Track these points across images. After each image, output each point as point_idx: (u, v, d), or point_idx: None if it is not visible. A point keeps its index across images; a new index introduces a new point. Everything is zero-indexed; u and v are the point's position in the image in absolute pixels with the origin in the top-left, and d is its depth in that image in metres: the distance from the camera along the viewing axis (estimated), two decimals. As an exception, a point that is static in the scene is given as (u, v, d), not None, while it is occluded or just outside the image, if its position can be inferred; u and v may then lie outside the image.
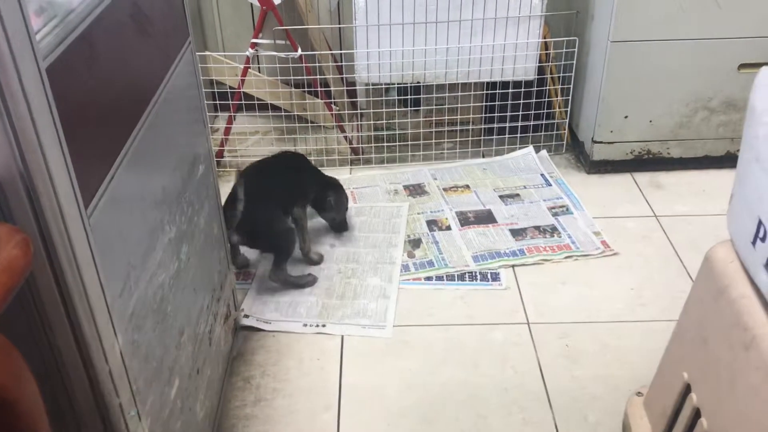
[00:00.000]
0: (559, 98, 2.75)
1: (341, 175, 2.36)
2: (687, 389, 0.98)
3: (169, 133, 1.35)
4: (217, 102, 2.81)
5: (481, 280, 2.15)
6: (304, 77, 2.66)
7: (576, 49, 2.59)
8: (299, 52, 2.53)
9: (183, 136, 1.45)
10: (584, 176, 2.66)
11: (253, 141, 2.88)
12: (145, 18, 1.22)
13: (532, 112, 2.72)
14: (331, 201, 2.24)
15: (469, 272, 2.17)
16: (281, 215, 2.06)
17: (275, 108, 2.77)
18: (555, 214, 2.42)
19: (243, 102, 2.71)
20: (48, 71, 0.83)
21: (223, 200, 1.91)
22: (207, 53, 2.68)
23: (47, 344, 0.95)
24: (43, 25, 0.87)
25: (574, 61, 2.61)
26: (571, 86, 2.67)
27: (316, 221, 2.41)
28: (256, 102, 2.75)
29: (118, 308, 1.05)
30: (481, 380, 1.79)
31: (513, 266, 2.19)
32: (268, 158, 2.23)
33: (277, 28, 2.55)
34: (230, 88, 2.74)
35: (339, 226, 2.34)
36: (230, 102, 2.67)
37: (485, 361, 1.85)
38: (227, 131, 2.73)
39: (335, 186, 2.28)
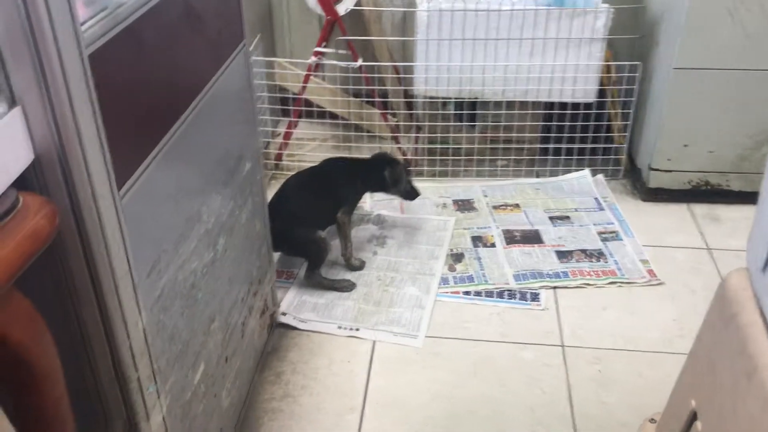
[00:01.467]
0: (619, 123, 2.71)
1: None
2: (693, 417, 0.96)
3: (214, 130, 1.41)
4: (281, 107, 2.89)
5: (519, 299, 2.13)
6: (362, 87, 2.71)
7: (639, 74, 2.55)
8: (359, 62, 2.58)
9: (229, 134, 1.52)
10: (639, 203, 2.61)
11: (311, 147, 2.94)
12: (197, 17, 1.29)
13: (590, 134, 2.68)
14: (387, 177, 2.24)
15: (508, 290, 2.16)
16: (309, 226, 2.11)
17: (335, 116, 2.83)
18: (604, 239, 2.39)
19: (303, 108, 2.78)
20: (91, 58, 0.90)
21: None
22: (272, 59, 2.76)
23: (74, 314, 1.01)
24: (91, 16, 0.94)
25: (636, 86, 2.57)
26: (632, 111, 2.63)
27: (362, 228, 2.45)
28: (315, 109, 2.81)
29: (146, 288, 1.11)
30: (507, 398, 1.78)
31: (554, 288, 2.17)
32: (310, 168, 2.30)
33: (340, 37, 2.61)
34: (292, 94, 2.82)
35: (408, 195, 2.34)
36: (291, 108, 2.75)
37: (514, 379, 1.84)
38: (287, 136, 2.80)
39: (387, 161, 2.30)
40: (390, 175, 2.23)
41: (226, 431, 1.57)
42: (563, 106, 2.65)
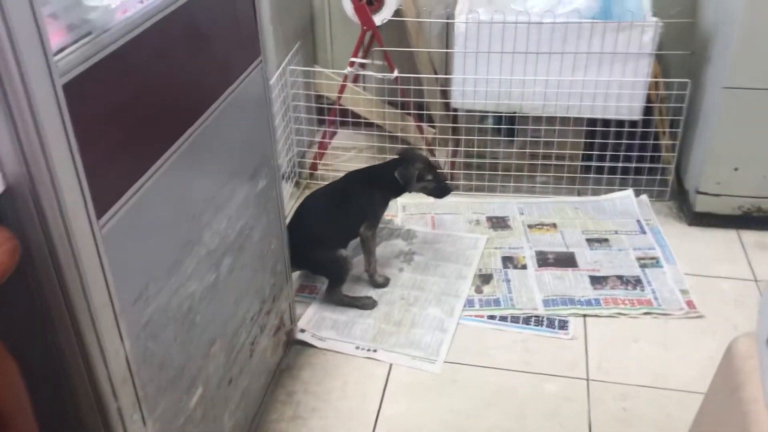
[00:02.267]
0: (666, 141, 2.58)
1: (426, 198, 2.33)
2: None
3: (223, 148, 1.38)
4: (319, 117, 2.87)
5: (547, 326, 2.04)
6: (398, 98, 2.66)
7: (688, 92, 2.41)
8: (395, 73, 2.53)
9: (241, 152, 1.49)
10: (684, 228, 2.48)
11: (348, 157, 2.91)
12: (201, 39, 1.26)
13: (635, 153, 2.56)
14: (397, 177, 2.13)
15: (536, 316, 2.08)
16: (330, 245, 2.07)
17: (375, 126, 2.79)
18: (643, 266, 2.27)
19: (339, 118, 2.75)
20: (66, 87, 0.88)
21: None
22: (309, 68, 2.74)
23: (51, 343, 1.00)
24: (70, 42, 0.92)
25: (685, 105, 2.44)
26: (680, 130, 2.50)
27: (390, 244, 2.40)
28: (350, 119, 2.78)
29: (130, 316, 1.09)
30: (525, 431, 1.71)
31: (584, 315, 2.07)
32: (329, 184, 2.26)
33: (376, 48, 2.56)
34: (328, 103, 2.79)
35: (435, 192, 2.22)
36: (326, 117, 2.72)
37: (533, 412, 1.76)
38: (321, 145, 2.78)
39: (399, 161, 2.21)
40: (401, 176, 2.13)
41: (228, 453, 1.55)
42: (607, 122, 2.54)
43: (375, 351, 1.96)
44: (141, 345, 1.13)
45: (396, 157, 2.27)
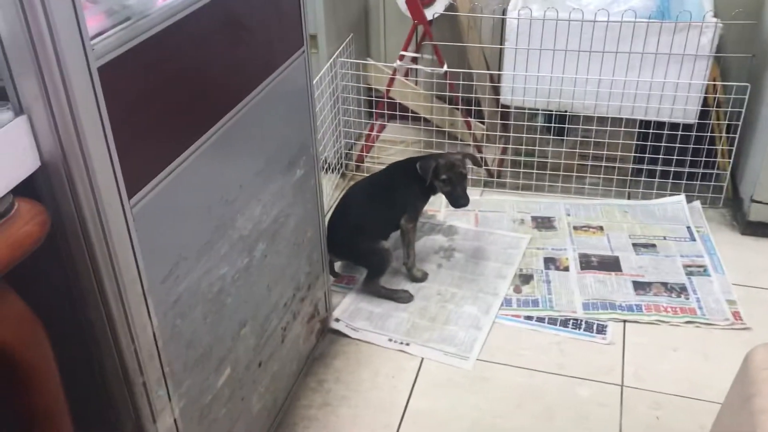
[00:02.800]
0: (723, 147, 2.50)
1: (471, 196, 2.31)
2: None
3: (259, 136, 1.41)
4: (369, 110, 2.88)
5: (584, 330, 2.01)
6: (447, 93, 2.65)
7: (747, 96, 2.33)
8: (445, 68, 2.52)
9: (278, 141, 1.51)
10: (737, 237, 2.39)
11: (395, 150, 2.92)
12: (241, 27, 1.29)
13: (689, 158, 2.49)
14: (418, 168, 2.10)
15: (574, 319, 2.05)
16: (372, 236, 2.07)
17: (425, 120, 2.79)
18: (689, 273, 2.21)
19: (386, 111, 2.75)
20: (101, 70, 0.91)
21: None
22: (359, 61, 2.76)
23: (82, 315, 1.04)
24: (109, 27, 0.95)
25: (744, 109, 2.36)
26: (737, 136, 2.41)
27: (431, 239, 2.40)
28: (399, 112, 2.78)
29: (159, 294, 1.13)
30: (552, 435, 1.69)
31: (624, 321, 2.03)
32: (373, 175, 2.26)
33: (426, 42, 2.56)
34: (376, 96, 2.80)
35: (450, 197, 2.14)
36: (374, 110, 2.74)
37: (563, 416, 1.74)
38: (369, 138, 2.79)
39: (420, 158, 2.18)
40: (421, 167, 2.09)
41: (255, 435, 1.58)
42: (661, 125, 2.47)
43: (408, 344, 1.97)
44: (169, 322, 1.17)
45: (440, 152, 2.26)
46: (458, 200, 2.13)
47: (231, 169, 1.31)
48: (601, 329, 2.01)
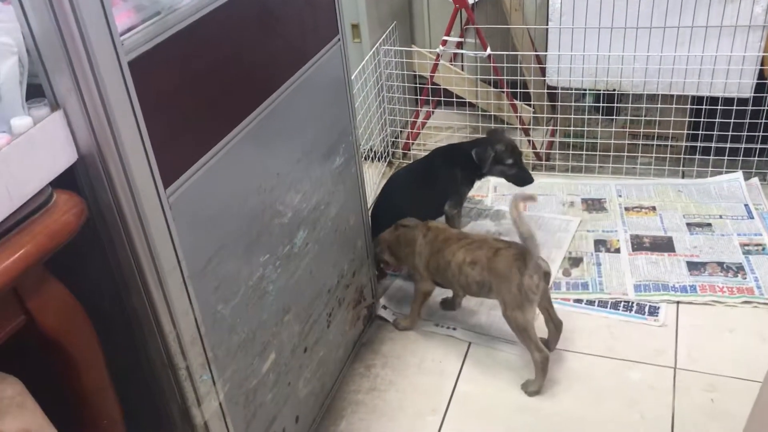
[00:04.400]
0: (782, 121, 2.40)
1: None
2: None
3: (296, 125, 1.43)
4: (417, 97, 2.88)
5: (636, 312, 1.97)
6: (491, 77, 2.63)
7: (806, 67, 2.23)
8: (488, 51, 2.50)
9: (316, 129, 1.53)
10: (798, 213, 2.30)
11: (442, 137, 2.91)
12: (273, 18, 1.30)
13: (745, 133, 2.40)
14: (474, 157, 2.10)
15: (625, 301, 2.01)
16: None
17: (472, 105, 2.77)
18: (746, 252, 2.13)
19: (431, 98, 2.75)
20: (131, 64, 0.94)
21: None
22: (402, 48, 2.75)
23: (126, 302, 1.08)
24: (138, 22, 0.98)
25: (803, 80, 2.26)
26: (797, 108, 2.32)
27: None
28: (444, 98, 2.77)
29: (200, 281, 1.16)
30: (601, 418, 1.66)
31: (678, 302, 1.98)
32: (416, 161, 2.26)
33: (468, 26, 2.54)
34: (422, 82, 2.80)
35: (515, 179, 2.17)
36: (418, 97, 2.73)
37: (613, 399, 1.71)
38: (414, 125, 2.79)
39: (482, 140, 2.17)
40: (478, 156, 2.10)
41: (303, 419, 1.61)
42: (714, 100, 2.39)
43: (455, 329, 1.97)
44: (211, 308, 1.20)
45: (482, 136, 2.25)
46: (527, 178, 2.18)
47: (267, 158, 1.34)
48: (654, 311, 1.97)
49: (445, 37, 2.56)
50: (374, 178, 2.60)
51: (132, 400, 1.11)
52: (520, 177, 2.16)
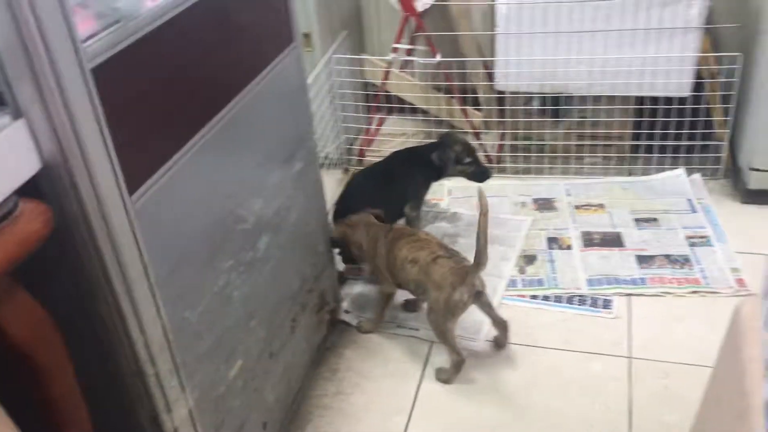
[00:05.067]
0: (719, 118, 2.51)
1: (473, 183, 2.35)
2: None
3: (256, 131, 1.44)
4: (368, 104, 2.91)
5: (590, 306, 2.04)
6: (442, 83, 2.68)
7: (740, 66, 2.34)
8: (438, 58, 2.55)
9: (275, 135, 1.54)
10: (738, 206, 2.41)
11: (396, 143, 2.94)
12: (231, 24, 1.32)
13: (686, 131, 2.51)
14: (435, 160, 2.17)
15: (579, 296, 2.07)
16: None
17: (424, 112, 2.82)
18: (692, 244, 2.23)
19: (384, 105, 2.78)
20: (94, 71, 0.94)
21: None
22: (354, 56, 2.78)
23: (93, 311, 1.08)
24: (100, 29, 0.99)
25: (737, 79, 2.37)
26: (733, 106, 2.43)
27: (435, 226, 2.42)
28: (398, 105, 2.81)
29: (166, 287, 1.16)
30: (565, 410, 1.71)
31: (629, 295, 2.05)
32: (375, 164, 2.30)
33: (417, 34, 2.59)
34: (374, 90, 2.83)
35: (475, 176, 2.25)
36: (371, 104, 2.76)
37: (572, 390, 1.77)
38: (368, 132, 2.82)
39: (437, 144, 2.24)
40: (439, 158, 2.16)
41: (271, 425, 1.61)
42: (656, 100, 2.49)
43: (417, 330, 2.00)
44: (178, 315, 1.20)
45: (437, 140, 2.29)
46: (485, 173, 2.25)
47: (229, 164, 1.35)
48: (606, 304, 2.03)
49: (396, 45, 2.60)
50: (331, 185, 2.62)
51: (101, 408, 1.10)
52: (479, 173, 2.24)
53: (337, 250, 2.02)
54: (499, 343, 1.88)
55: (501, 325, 1.87)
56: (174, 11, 1.12)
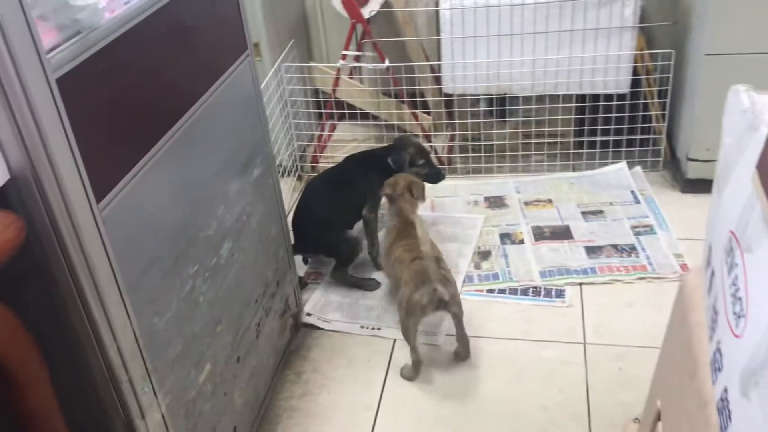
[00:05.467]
0: (656, 112, 2.63)
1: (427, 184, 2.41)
2: (658, 417, 0.95)
3: (214, 137, 1.47)
4: (319, 111, 2.95)
5: (544, 296, 2.11)
6: (391, 88, 2.73)
7: (673, 62, 2.47)
8: (386, 63, 2.60)
9: (233, 141, 1.57)
10: (678, 195, 2.53)
11: (348, 149, 2.98)
12: (186, 34, 1.34)
13: (626, 126, 2.62)
14: (390, 163, 2.21)
15: (533, 287, 2.15)
16: (337, 227, 2.14)
17: (375, 116, 2.87)
18: (637, 233, 2.33)
19: (335, 111, 2.83)
20: (59, 82, 0.96)
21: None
22: (302, 64, 2.82)
23: (64, 319, 1.09)
24: (62, 41, 1.00)
25: (671, 74, 2.49)
26: (668, 100, 2.55)
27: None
28: (349, 111, 2.86)
29: (135, 294, 1.17)
30: (522, 397, 1.78)
31: (581, 284, 2.14)
32: (331, 168, 2.33)
33: (365, 40, 2.64)
34: (325, 97, 2.87)
35: (429, 178, 2.29)
36: (322, 111, 2.80)
37: (531, 377, 1.83)
38: (321, 138, 2.86)
39: (392, 148, 2.29)
40: (394, 162, 2.21)
41: (240, 429, 1.63)
42: (596, 97, 2.60)
43: (379, 329, 2.04)
44: (147, 321, 1.22)
45: (391, 144, 2.35)
46: (439, 174, 2.31)
47: (191, 170, 1.37)
48: (560, 294, 2.11)
49: (345, 52, 2.64)
50: (286, 192, 2.64)
51: (77, 416, 1.11)
52: (433, 175, 2.30)
53: (297, 257, 2.05)
54: (460, 356, 1.91)
55: (463, 340, 1.90)
56: (132, 22, 1.14)
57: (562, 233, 2.38)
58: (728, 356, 0.66)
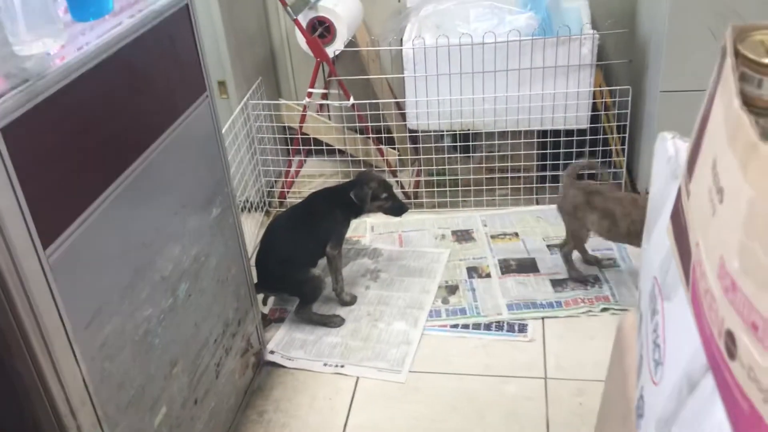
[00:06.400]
0: (616, 147, 2.69)
1: (393, 218, 2.43)
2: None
3: (170, 180, 1.47)
4: (287, 147, 2.97)
5: (507, 331, 2.13)
6: (357, 124, 2.77)
7: (630, 98, 2.53)
8: (351, 100, 2.64)
9: (191, 182, 1.58)
10: (639, 228, 2.57)
11: (316, 184, 3.00)
12: (141, 79, 1.36)
13: (587, 160, 2.67)
14: (353, 199, 2.22)
15: (497, 322, 2.16)
16: (300, 265, 2.15)
17: (342, 152, 2.89)
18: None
19: (302, 147, 2.85)
20: (3, 131, 0.97)
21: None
22: (269, 101, 2.85)
23: (10, 367, 1.08)
24: (8, 89, 1.01)
25: (629, 110, 2.55)
26: (626, 135, 2.61)
27: (357, 263, 2.48)
28: (316, 147, 2.88)
29: (85, 339, 1.17)
30: (485, 432, 1.78)
31: (543, 318, 2.15)
32: (294, 206, 2.35)
33: (331, 78, 2.68)
34: (292, 133, 2.90)
35: (393, 211, 2.32)
36: (289, 147, 2.82)
37: (493, 413, 1.84)
38: (288, 174, 2.88)
39: (354, 183, 2.30)
40: (356, 196, 2.22)
41: (199, 471, 1.61)
42: (557, 133, 2.65)
43: (342, 366, 2.04)
44: (98, 366, 1.21)
45: (352, 180, 2.36)
46: (402, 207, 2.32)
47: (145, 214, 1.37)
48: (522, 328, 2.13)
49: (311, 90, 2.67)
50: (252, 228, 2.65)
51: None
52: (396, 208, 2.31)
53: (260, 295, 2.05)
54: None
55: None
56: (84, 68, 1.16)
57: (528, 266, 2.40)
58: (648, 403, 0.68)
